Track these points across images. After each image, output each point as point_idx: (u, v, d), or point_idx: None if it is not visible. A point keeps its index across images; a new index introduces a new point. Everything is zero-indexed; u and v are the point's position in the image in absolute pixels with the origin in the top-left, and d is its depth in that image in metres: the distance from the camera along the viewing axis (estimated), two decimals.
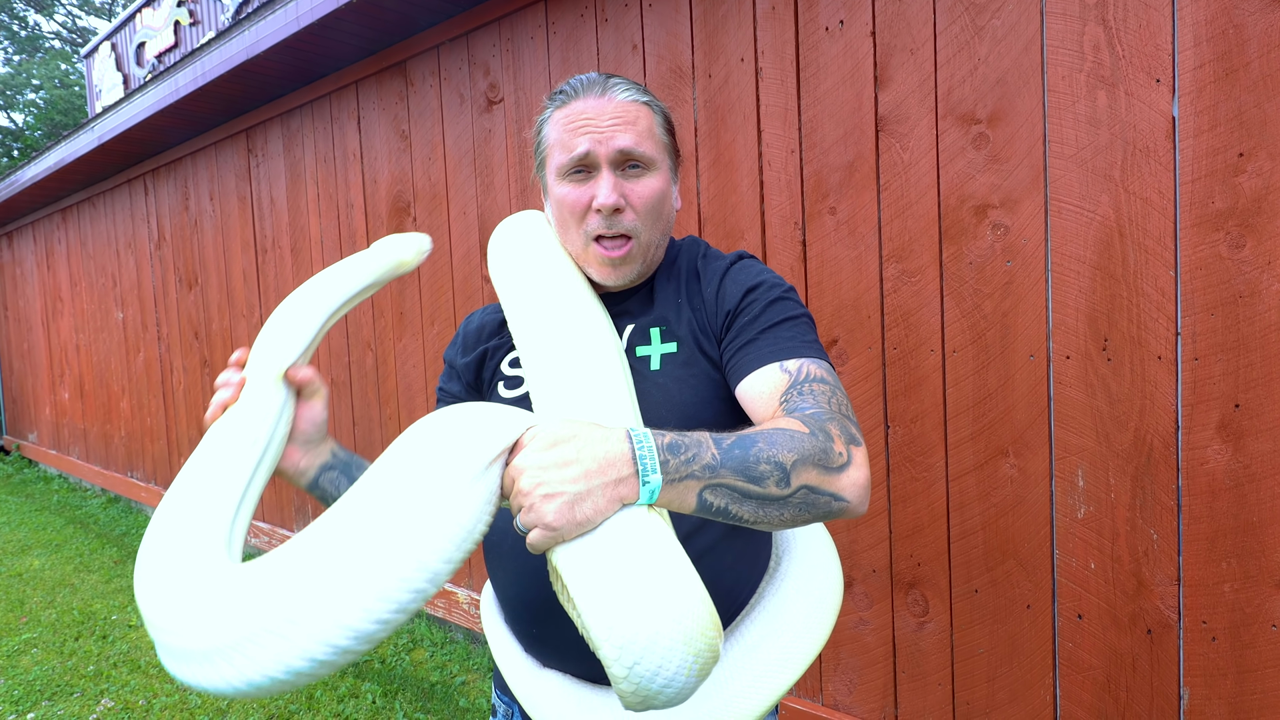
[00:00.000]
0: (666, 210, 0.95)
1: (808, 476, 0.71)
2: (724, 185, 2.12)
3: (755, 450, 0.70)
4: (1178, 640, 1.54)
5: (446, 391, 1.07)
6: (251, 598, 0.60)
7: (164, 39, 7.53)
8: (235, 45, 3.26)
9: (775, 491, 0.70)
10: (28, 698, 2.83)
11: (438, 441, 0.67)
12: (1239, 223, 1.42)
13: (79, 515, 5.56)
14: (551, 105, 0.95)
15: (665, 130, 0.96)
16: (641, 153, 0.90)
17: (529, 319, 0.93)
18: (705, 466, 0.68)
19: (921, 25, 1.75)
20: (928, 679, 1.87)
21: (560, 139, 0.92)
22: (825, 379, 0.83)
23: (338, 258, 3.47)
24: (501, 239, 1.05)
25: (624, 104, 0.90)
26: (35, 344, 7.08)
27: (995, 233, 1.69)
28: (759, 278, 0.93)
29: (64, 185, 5.58)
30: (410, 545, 0.61)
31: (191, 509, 0.74)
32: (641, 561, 0.64)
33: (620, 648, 0.61)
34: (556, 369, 0.87)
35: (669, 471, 0.66)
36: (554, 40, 2.52)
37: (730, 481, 0.68)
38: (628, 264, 0.93)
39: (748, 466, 0.69)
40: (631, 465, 0.65)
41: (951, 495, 1.79)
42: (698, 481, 0.67)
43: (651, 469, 0.66)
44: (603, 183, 0.90)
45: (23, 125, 22.11)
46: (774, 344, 0.86)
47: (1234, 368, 1.44)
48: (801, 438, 0.72)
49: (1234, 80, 1.41)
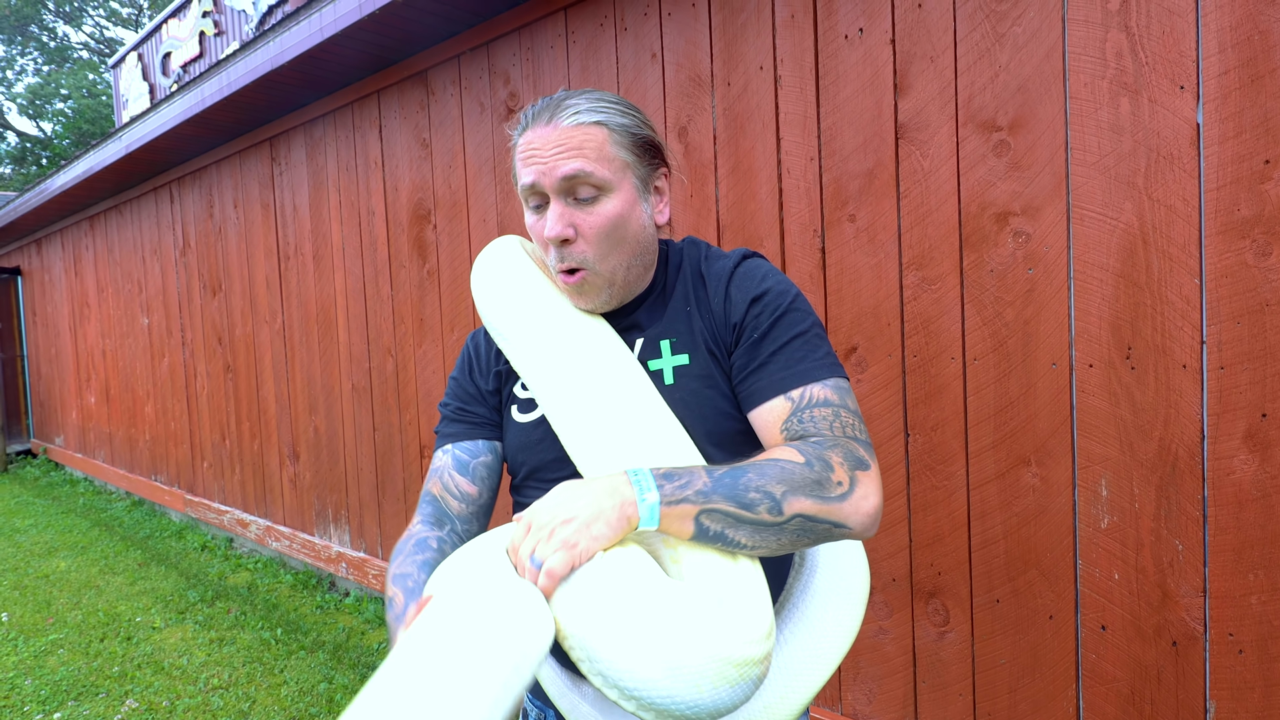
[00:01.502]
0: (631, 232, 0.91)
1: (801, 505, 0.74)
2: (743, 193, 2.13)
3: (745, 479, 0.74)
4: (1204, 653, 1.52)
5: (468, 411, 1.02)
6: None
7: (189, 49, 7.65)
8: (259, 56, 3.32)
9: (768, 519, 0.73)
10: (54, 697, 2.87)
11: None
12: (1265, 230, 1.40)
13: (104, 518, 5.64)
14: (516, 133, 0.93)
15: (627, 147, 0.90)
16: (590, 175, 0.86)
17: (530, 353, 0.92)
18: (698, 492, 0.73)
19: (942, 32, 1.75)
20: (948, 689, 1.85)
21: (516, 169, 0.92)
22: (830, 400, 0.84)
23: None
24: (481, 275, 1.02)
25: (569, 130, 0.87)
26: (63, 349, 7.20)
27: (1017, 240, 1.68)
28: (763, 285, 0.91)
29: (92, 193, 5.69)
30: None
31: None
32: (645, 612, 0.66)
33: (645, 708, 0.65)
34: (574, 404, 0.87)
35: (666, 495, 0.72)
36: (574, 49, 2.54)
37: (723, 507, 0.73)
38: (586, 292, 0.92)
39: (738, 494, 0.73)
40: (629, 486, 0.72)
41: (973, 504, 1.78)
42: (693, 506, 0.72)
43: (648, 487, 0.72)
44: (550, 214, 0.88)
45: (51, 134, 22.54)
46: (782, 369, 0.86)
47: (1261, 376, 1.43)
48: (793, 468, 0.75)
49: (1259, 86, 1.39)
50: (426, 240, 3.17)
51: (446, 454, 1.00)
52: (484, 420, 1.02)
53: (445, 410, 1.05)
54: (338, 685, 2.84)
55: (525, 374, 0.94)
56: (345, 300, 3.62)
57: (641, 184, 0.93)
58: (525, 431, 0.97)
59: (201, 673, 3.01)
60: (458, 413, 1.03)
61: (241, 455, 4.56)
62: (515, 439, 0.98)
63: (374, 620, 3.43)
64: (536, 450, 0.95)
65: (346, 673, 2.94)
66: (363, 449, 3.60)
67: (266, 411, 4.27)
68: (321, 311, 3.78)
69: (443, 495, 0.97)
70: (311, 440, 3.93)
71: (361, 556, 3.63)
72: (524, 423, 0.97)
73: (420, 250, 3.20)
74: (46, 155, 22.00)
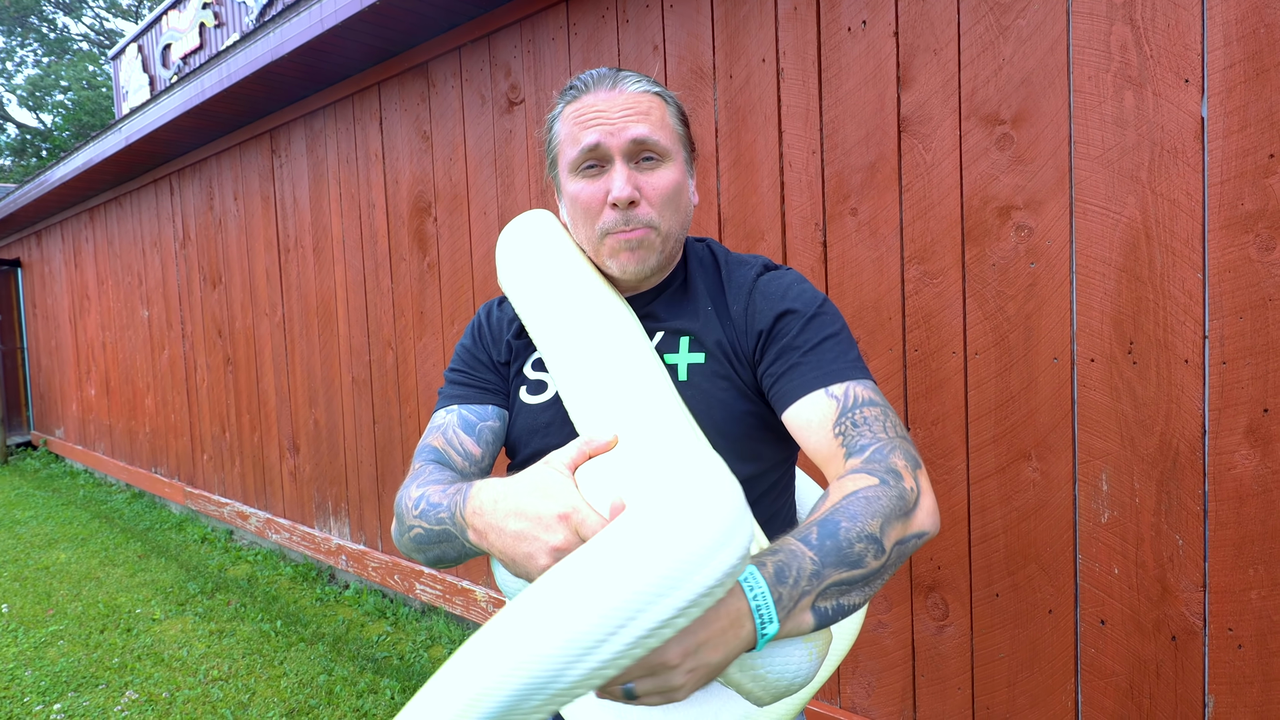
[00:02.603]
0: (684, 203, 0.93)
1: (896, 534, 0.70)
2: (745, 186, 2.12)
3: (843, 533, 0.67)
4: (1203, 647, 1.52)
5: (476, 375, 0.99)
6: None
7: (189, 41, 7.63)
8: (259, 48, 3.30)
9: (874, 565, 0.68)
10: (54, 688, 2.88)
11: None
12: (1269, 224, 1.40)
13: (104, 510, 5.64)
14: (562, 101, 0.93)
15: (679, 121, 0.93)
16: (655, 142, 0.88)
17: (554, 324, 0.90)
18: (810, 576, 0.65)
19: (945, 25, 1.74)
20: (947, 683, 1.86)
21: (570, 133, 0.90)
22: (875, 400, 0.81)
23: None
24: (511, 241, 1.01)
25: (635, 95, 0.89)
26: (63, 341, 7.20)
27: (1019, 234, 1.68)
28: (790, 294, 0.90)
29: (92, 185, 5.68)
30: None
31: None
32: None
33: (760, 682, 0.68)
34: (594, 378, 0.84)
35: (783, 605, 0.64)
36: (575, 41, 2.53)
37: (835, 579, 0.66)
38: (645, 249, 0.90)
39: (843, 554, 0.67)
40: (750, 619, 0.63)
41: (973, 498, 1.78)
42: (809, 598, 0.65)
43: (770, 620, 0.63)
44: (616, 175, 0.87)
45: (51, 126, 22.51)
46: (817, 367, 0.84)
47: (1263, 372, 1.42)
48: (877, 496, 0.70)
49: (1265, 80, 1.39)
50: (427, 233, 3.16)
51: (451, 413, 0.97)
52: (494, 387, 0.99)
53: (452, 375, 1.01)
54: (337, 677, 2.84)
55: (540, 340, 0.92)
56: (345, 293, 3.61)
57: (687, 162, 0.95)
58: (533, 414, 0.95)
59: (201, 664, 3.01)
60: (467, 377, 1.00)
61: (241, 448, 4.56)
62: (523, 421, 0.96)
63: (374, 613, 3.44)
64: (543, 434, 0.93)
65: (346, 665, 2.94)
66: (363, 442, 3.60)
67: (266, 404, 4.27)
68: (321, 304, 3.77)
69: (445, 449, 0.93)
70: (311, 433, 3.93)
71: (361, 549, 3.64)
72: (533, 404, 0.95)
73: (421, 243, 3.19)
74: (46, 147, 21.97)
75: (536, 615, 0.56)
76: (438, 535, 0.81)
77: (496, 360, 1.00)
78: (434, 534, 0.81)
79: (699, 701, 0.85)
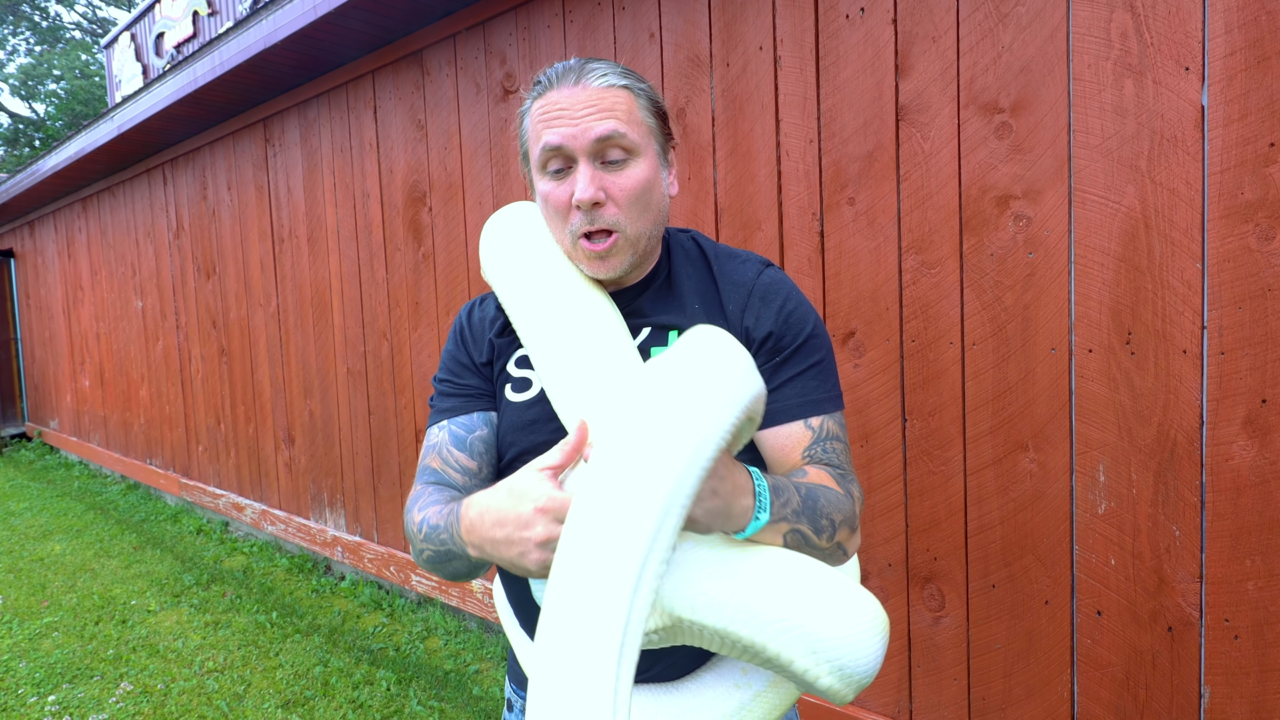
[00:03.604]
0: (656, 199, 0.90)
1: (842, 536, 0.82)
2: (741, 175, 2.10)
3: (822, 505, 0.80)
4: (1199, 638, 1.52)
5: (461, 384, 1.00)
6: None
7: (183, 29, 7.56)
8: (252, 35, 3.27)
9: (822, 543, 0.80)
10: (49, 680, 2.87)
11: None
12: (1269, 214, 1.39)
13: (99, 501, 5.63)
14: (530, 96, 0.91)
15: (651, 113, 0.90)
16: (622, 137, 0.85)
17: (536, 317, 0.90)
18: (794, 511, 0.77)
19: (944, 12, 1.73)
20: (943, 674, 1.86)
21: (535, 131, 0.88)
22: (839, 436, 0.90)
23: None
24: (495, 234, 1.01)
25: (599, 91, 0.86)
26: (56, 332, 7.17)
27: (1017, 224, 1.67)
28: (786, 308, 0.91)
29: (84, 175, 5.63)
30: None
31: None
32: (830, 591, 0.75)
33: (845, 680, 0.74)
34: (576, 371, 0.85)
35: (774, 513, 0.75)
36: (571, 29, 2.51)
37: (803, 529, 0.78)
38: (614, 256, 0.89)
39: (816, 518, 0.79)
40: (752, 498, 0.75)
41: (970, 489, 1.78)
42: (788, 524, 0.77)
43: (764, 507, 0.75)
44: (579, 176, 0.85)
45: (44, 115, 22.36)
46: (801, 395, 0.89)
47: (1261, 362, 1.42)
48: (843, 502, 0.83)
49: (1266, 68, 1.38)
50: (422, 223, 3.14)
51: (443, 430, 0.97)
52: (478, 391, 0.99)
53: (439, 385, 1.02)
54: (333, 668, 2.84)
55: (524, 333, 0.92)
56: (340, 284, 3.59)
57: (660, 153, 0.92)
58: (518, 411, 0.94)
59: (197, 656, 3.01)
60: (452, 387, 1.00)
61: (236, 439, 4.55)
62: (509, 419, 0.95)
63: (369, 604, 3.43)
64: (529, 431, 0.92)
65: (342, 656, 2.94)
66: (358, 433, 3.58)
67: (261, 395, 4.25)
68: (316, 295, 3.75)
69: (443, 468, 0.95)
70: (306, 424, 3.92)
71: (357, 540, 3.63)
72: (518, 402, 0.95)
73: (416, 233, 3.17)
74: (39, 137, 21.82)
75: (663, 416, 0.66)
76: (445, 555, 0.84)
77: (479, 362, 0.99)
78: (441, 554, 0.85)
79: (692, 692, 0.84)
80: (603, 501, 0.63)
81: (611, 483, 0.63)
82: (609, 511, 0.62)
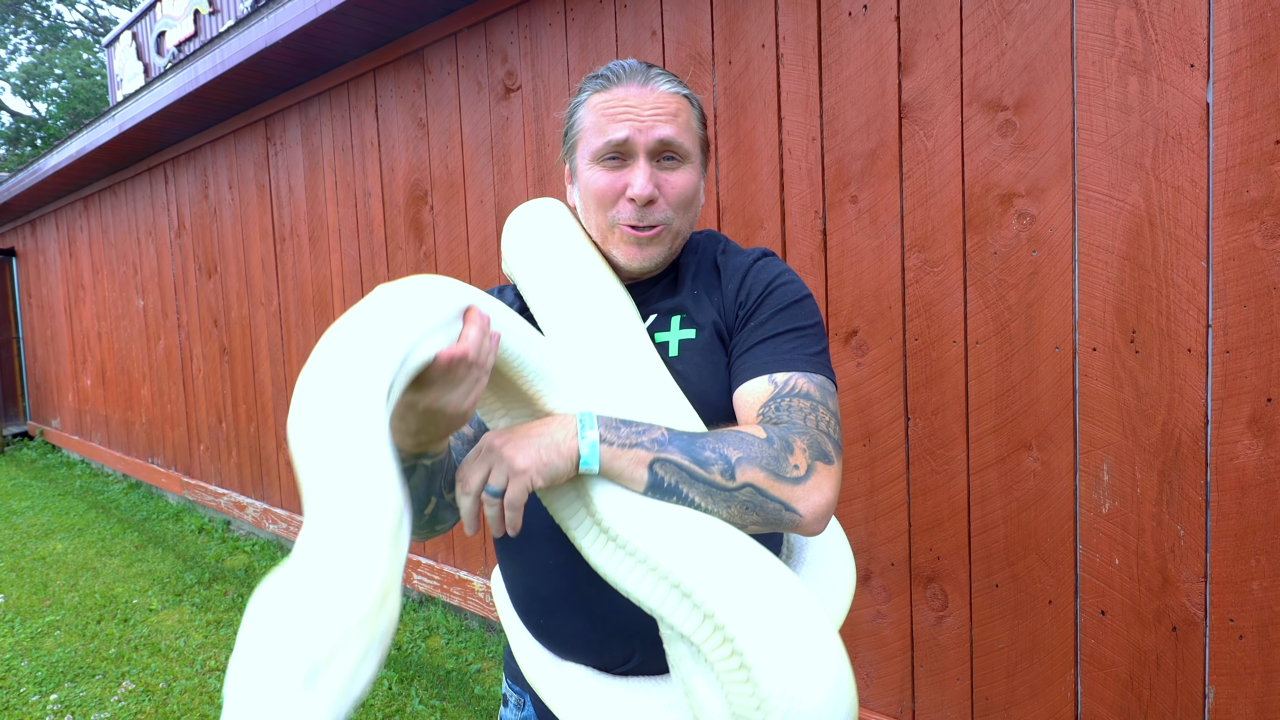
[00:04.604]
0: (696, 204, 0.96)
1: (753, 476, 0.74)
2: (744, 173, 2.10)
3: (703, 440, 0.76)
4: (1203, 638, 1.51)
5: None
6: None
7: (184, 28, 7.56)
8: (254, 33, 3.27)
9: (720, 480, 0.74)
10: (51, 679, 2.87)
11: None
12: (1274, 212, 1.38)
13: (101, 500, 5.63)
14: (589, 88, 0.94)
15: (700, 124, 0.96)
16: (680, 144, 0.90)
17: (558, 305, 0.92)
18: (654, 440, 0.74)
19: (947, 9, 1.72)
20: (946, 674, 1.85)
21: (597, 123, 0.91)
22: (810, 394, 0.84)
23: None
24: (521, 224, 1.03)
25: (666, 95, 0.91)
26: (58, 331, 7.17)
27: (1021, 222, 1.66)
28: (778, 279, 0.93)
29: (86, 173, 5.63)
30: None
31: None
32: (803, 632, 0.67)
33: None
34: (597, 360, 0.87)
35: (620, 438, 0.74)
36: (573, 27, 2.50)
37: (677, 459, 0.74)
38: (655, 244, 0.92)
39: (694, 450, 0.74)
40: (573, 421, 0.75)
41: (973, 489, 1.77)
42: (647, 453, 0.74)
43: (589, 425, 0.74)
44: (639, 172, 0.89)
45: (46, 114, 22.37)
46: (771, 354, 0.87)
47: (1267, 361, 1.41)
48: (753, 440, 0.76)
49: (1272, 65, 1.37)
50: (423, 221, 3.13)
51: None
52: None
53: None
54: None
55: (546, 319, 0.94)
56: (342, 282, 3.59)
57: (703, 164, 0.97)
58: None
59: (198, 654, 3.01)
60: None
61: (238, 438, 4.55)
62: None
63: None
64: None
65: None
66: None
67: (263, 394, 4.25)
68: (318, 294, 3.75)
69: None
70: None
71: None
72: None
73: (417, 232, 3.16)
74: (41, 136, 21.84)
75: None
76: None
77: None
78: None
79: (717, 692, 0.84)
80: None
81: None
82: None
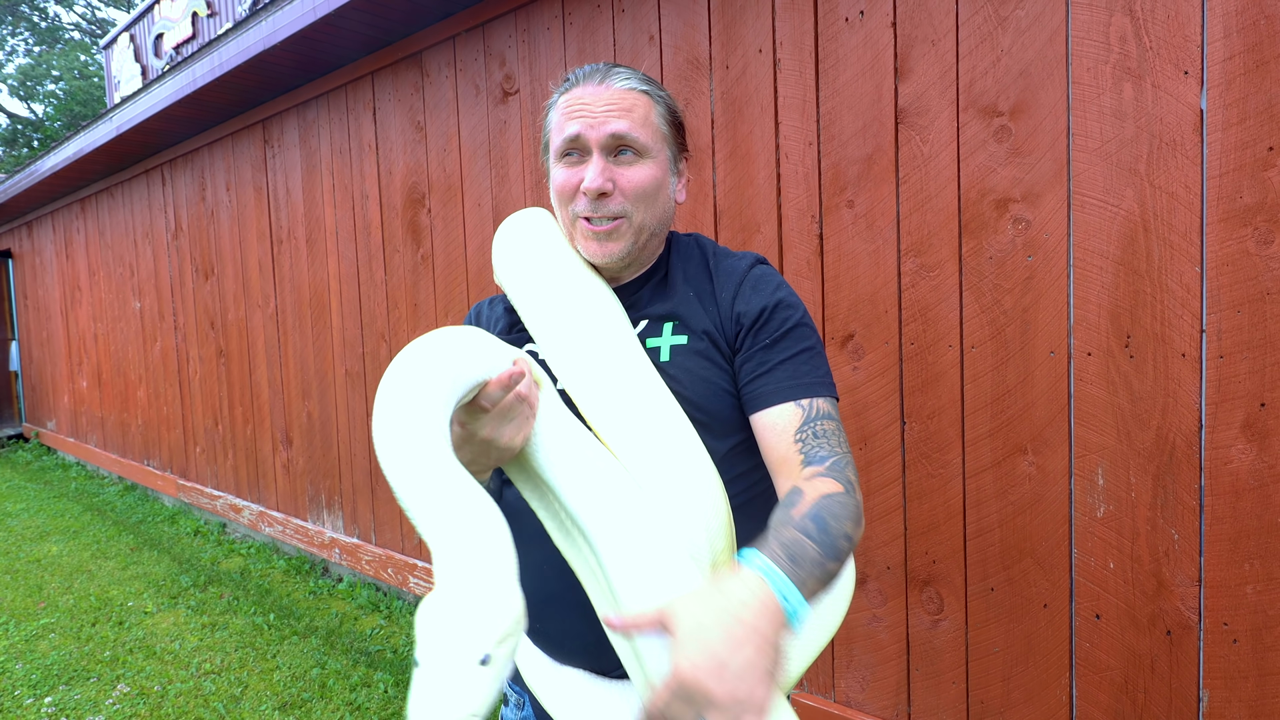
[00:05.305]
0: (662, 199, 0.96)
1: (857, 535, 0.78)
2: (740, 178, 2.10)
3: (833, 528, 0.74)
4: (1198, 642, 1.52)
5: None
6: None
7: (182, 30, 7.56)
8: (252, 36, 3.27)
9: (842, 563, 0.75)
10: (45, 681, 2.86)
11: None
12: (1268, 218, 1.39)
13: (96, 502, 5.62)
14: (558, 92, 0.97)
15: (667, 121, 0.96)
16: (634, 138, 0.91)
17: (548, 314, 0.94)
18: (814, 563, 0.71)
19: (943, 16, 1.73)
20: (942, 677, 1.85)
21: (559, 123, 0.94)
22: (832, 415, 0.89)
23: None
24: (509, 235, 1.05)
25: (620, 91, 0.92)
26: (54, 332, 7.15)
27: (1016, 227, 1.67)
28: (777, 295, 0.94)
29: (83, 175, 5.63)
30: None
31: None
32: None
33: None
34: (590, 367, 0.89)
35: (807, 588, 0.69)
36: (570, 31, 2.51)
37: (829, 567, 0.73)
38: (616, 239, 0.94)
39: (835, 547, 0.73)
40: (778, 603, 0.67)
41: (968, 492, 1.77)
42: (819, 584, 0.71)
43: (799, 604, 0.68)
44: (591, 166, 0.91)
45: (43, 116, 22.34)
46: (793, 378, 0.89)
47: (1260, 366, 1.42)
48: (847, 502, 0.78)
49: (1265, 72, 1.38)
50: (421, 224, 3.14)
51: None
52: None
53: None
54: (330, 670, 2.83)
55: (534, 327, 0.96)
56: (339, 285, 3.59)
57: (672, 160, 0.98)
58: None
59: (194, 658, 3.00)
60: None
61: (234, 440, 4.54)
62: None
63: (367, 606, 3.43)
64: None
65: (339, 658, 2.93)
66: (356, 435, 3.58)
67: (259, 397, 4.25)
68: (315, 296, 3.75)
69: None
70: (304, 426, 3.91)
71: (355, 542, 3.62)
72: None
73: (414, 235, 3.17)
74: (38, 137, 21.80)
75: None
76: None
77: None
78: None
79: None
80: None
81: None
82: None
